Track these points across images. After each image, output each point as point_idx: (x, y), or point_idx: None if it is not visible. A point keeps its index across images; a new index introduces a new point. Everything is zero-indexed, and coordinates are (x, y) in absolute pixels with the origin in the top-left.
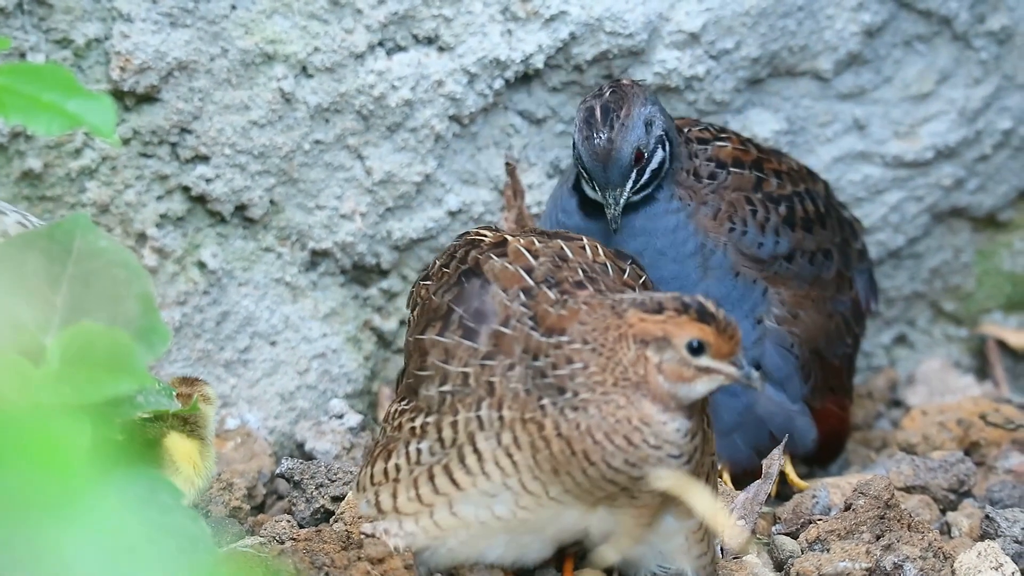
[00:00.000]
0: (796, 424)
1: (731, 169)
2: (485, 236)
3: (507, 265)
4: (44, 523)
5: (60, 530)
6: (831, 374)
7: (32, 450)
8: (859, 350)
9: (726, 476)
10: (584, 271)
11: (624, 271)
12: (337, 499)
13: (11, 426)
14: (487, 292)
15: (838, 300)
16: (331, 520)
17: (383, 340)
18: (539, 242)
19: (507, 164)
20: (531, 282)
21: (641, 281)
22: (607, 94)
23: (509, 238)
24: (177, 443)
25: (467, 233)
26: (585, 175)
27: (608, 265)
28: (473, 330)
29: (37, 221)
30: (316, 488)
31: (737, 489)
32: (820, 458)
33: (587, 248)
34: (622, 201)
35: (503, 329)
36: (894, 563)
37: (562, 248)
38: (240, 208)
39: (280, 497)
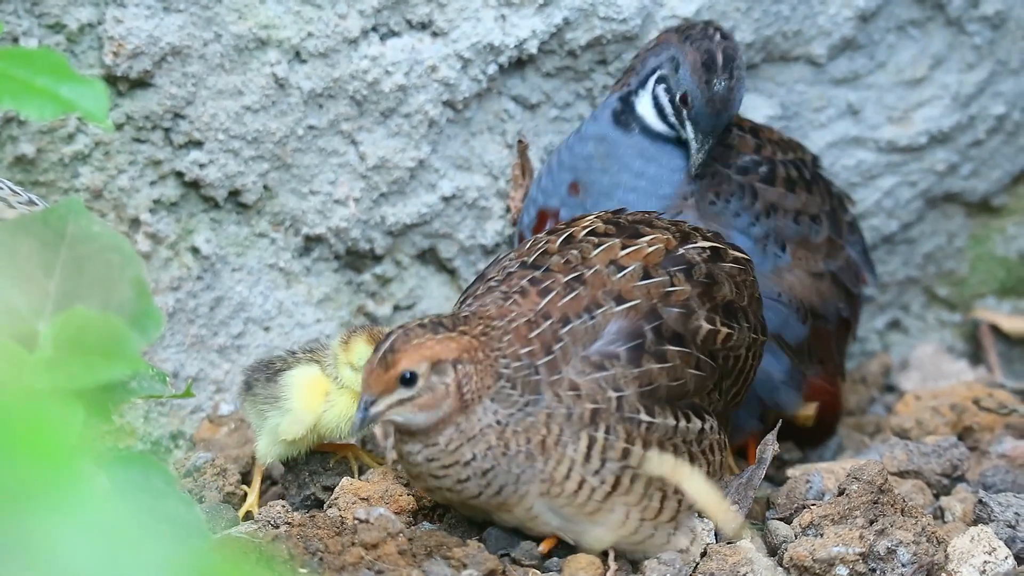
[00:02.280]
0: (780, 397)
1: (735, 132)
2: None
3: (588, 223)
4: (36, 510)
5: (52, 517)
6: (821, 339)
7: (24, 436)
8: (856, 328)
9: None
10: (572, 265)
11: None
12: (328, 488)
13: (3, 412)
14: None
15: (828, 261)
16: (324, 506)
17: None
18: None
19: (519, 142)
20: (553, 245)
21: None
22: (718, 38)
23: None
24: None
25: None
26: (680, 115)
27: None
28: None
29: None
30: (309, 475)
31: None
32: (812, 438)
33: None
34: (708, 148)
35: None
36: (888, 548)
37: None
38: (234, 193)
39: (274, 483)
